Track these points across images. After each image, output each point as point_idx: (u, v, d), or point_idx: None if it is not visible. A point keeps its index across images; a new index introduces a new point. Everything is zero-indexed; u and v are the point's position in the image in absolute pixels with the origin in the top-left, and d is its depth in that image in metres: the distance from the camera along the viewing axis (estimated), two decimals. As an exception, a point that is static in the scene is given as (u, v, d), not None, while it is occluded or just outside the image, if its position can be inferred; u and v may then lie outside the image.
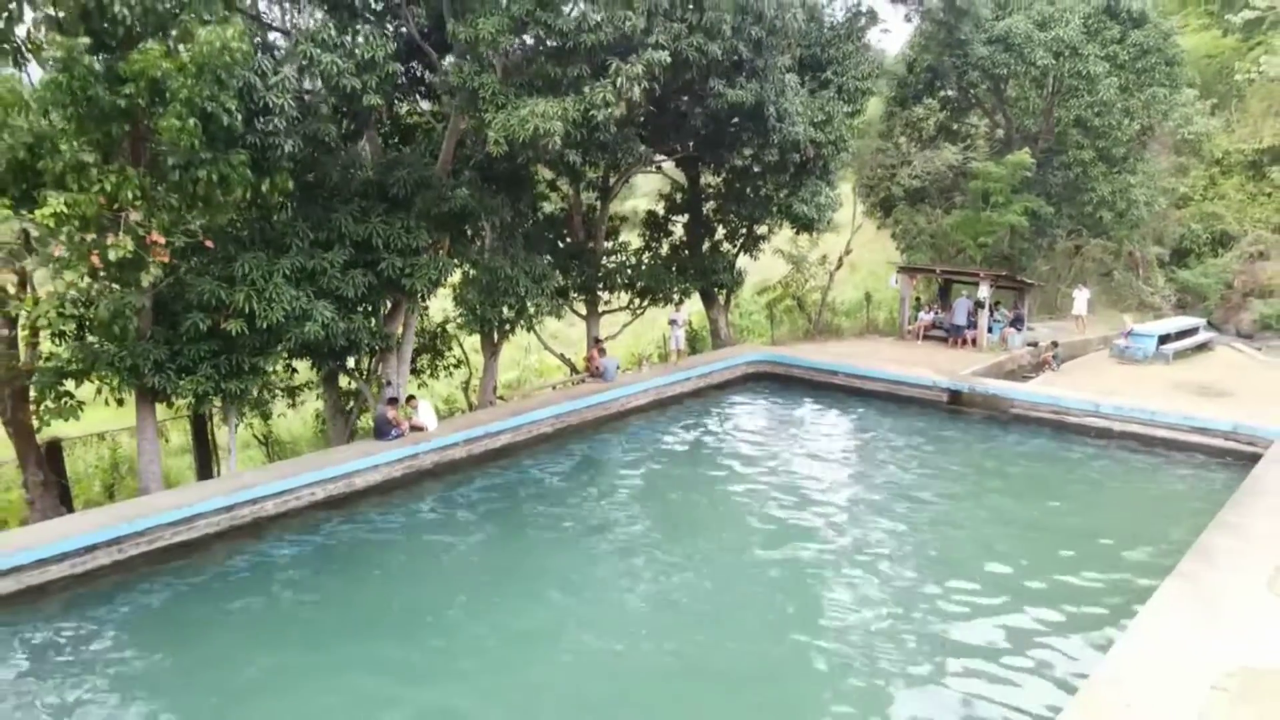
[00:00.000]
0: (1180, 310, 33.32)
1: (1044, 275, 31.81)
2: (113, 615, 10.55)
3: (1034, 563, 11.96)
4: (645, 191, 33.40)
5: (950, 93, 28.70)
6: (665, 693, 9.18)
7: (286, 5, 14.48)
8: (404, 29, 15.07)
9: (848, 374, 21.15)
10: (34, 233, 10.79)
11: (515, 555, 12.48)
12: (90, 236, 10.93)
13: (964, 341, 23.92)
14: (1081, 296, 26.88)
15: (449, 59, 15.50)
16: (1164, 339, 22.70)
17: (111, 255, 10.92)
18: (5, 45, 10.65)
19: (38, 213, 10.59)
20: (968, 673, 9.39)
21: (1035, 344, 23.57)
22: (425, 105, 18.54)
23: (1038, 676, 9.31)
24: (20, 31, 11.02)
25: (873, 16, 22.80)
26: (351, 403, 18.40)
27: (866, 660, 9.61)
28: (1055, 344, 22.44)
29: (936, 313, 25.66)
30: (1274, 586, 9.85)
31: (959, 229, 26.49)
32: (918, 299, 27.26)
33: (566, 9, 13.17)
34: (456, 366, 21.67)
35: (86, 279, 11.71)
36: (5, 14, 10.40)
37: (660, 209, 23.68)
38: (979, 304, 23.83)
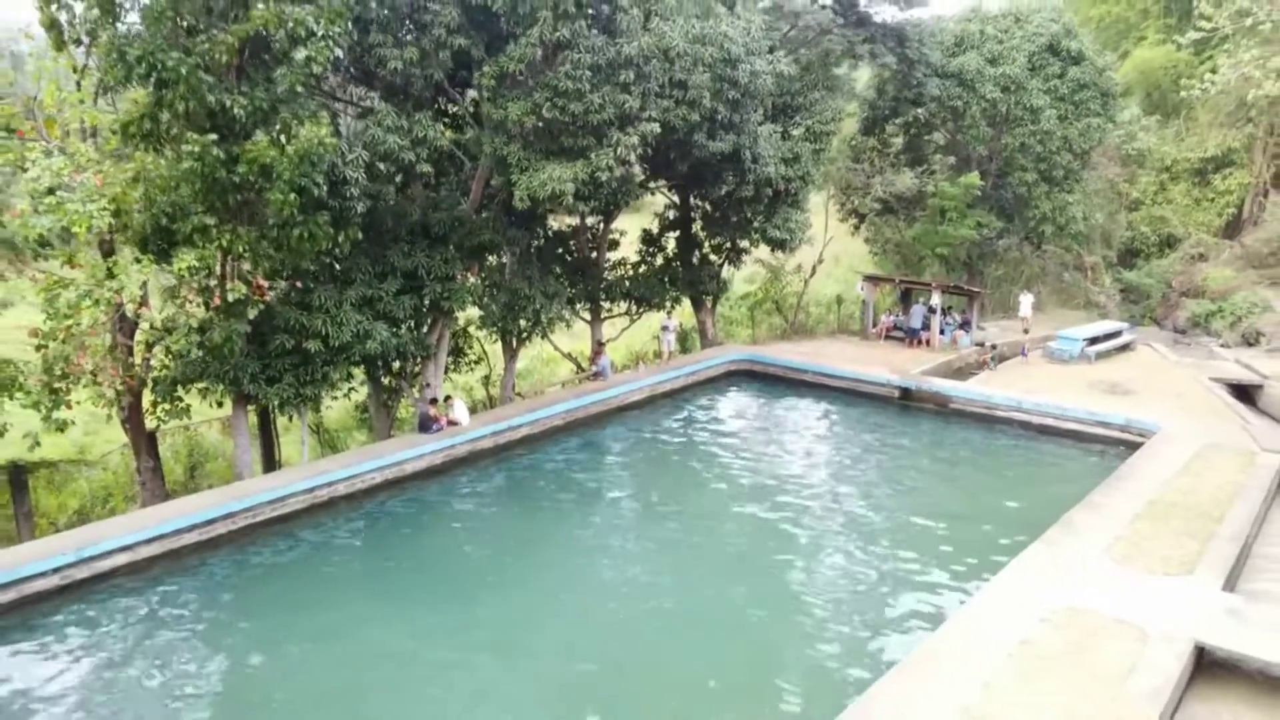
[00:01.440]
0: (1131, 305, 36.56)
1: (998, 279, 35.07)
2: (239, 568, 14.01)
3: (945, 528, 15.39)
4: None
5: (919, 113, 31.75)
6: (651, 615, 12.59)
7: (346, 83, 17.64)
8: (432, 72, 17.85)
9: (815, 372, 24.52)
10: (166, 283, 14.01)
11: (534, 522, 15.93)
12: (213, 283, 14.24)
13: (920, 342, 27.27)
14: (1026, 301, 30.05)
15: (470, 93, 18.44)
16: (1091, 340, 25.95)
17: (230, 297, 14.27)
18: (150, 137, 13.89)
19: (175, 266, 13.93)
20: (883, 601, 12.87)
21: (983, 344, 26.87)
22: (449, 134, 21.60)
23: (916, 616, 12.73)
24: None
25: (840, 57, 25.98)
26: (390, 398, 21.74)
27: (808, 580, 13.13)
28: (994, 346, 25.75)
29: (897, 316, 28.98)
30: (1110, 552, 13.18)
31: (919, 241, 29.76)
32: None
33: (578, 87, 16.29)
34: (477, 363, 24.98)
35: (204, 311, 15.07)
36: (152, 117, 13.61)
37: (655, 228, 26.83)
38: (932, 309, 27.14)
